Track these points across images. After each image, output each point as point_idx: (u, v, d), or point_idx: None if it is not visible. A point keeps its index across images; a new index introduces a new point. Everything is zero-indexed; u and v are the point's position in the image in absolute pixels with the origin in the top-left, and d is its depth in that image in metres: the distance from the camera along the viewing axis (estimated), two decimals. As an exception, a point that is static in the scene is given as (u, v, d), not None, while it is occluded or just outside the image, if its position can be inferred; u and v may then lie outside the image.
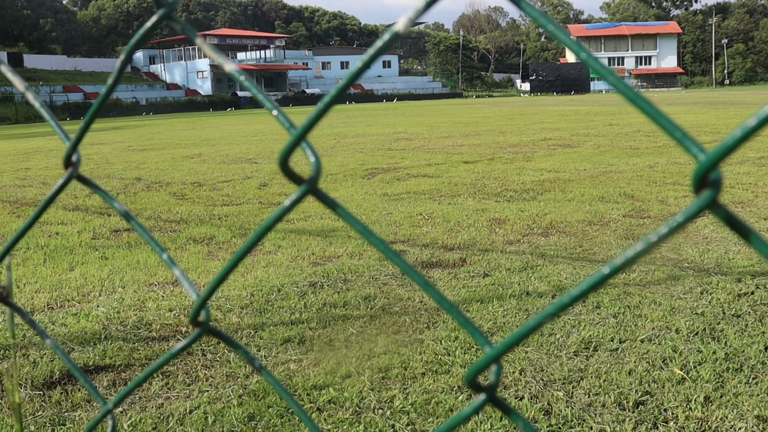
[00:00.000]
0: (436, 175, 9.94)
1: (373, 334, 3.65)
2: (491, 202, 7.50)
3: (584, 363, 3.20)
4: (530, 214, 6.70)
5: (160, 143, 18.94)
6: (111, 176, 11.24)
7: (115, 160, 14.05)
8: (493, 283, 4.50)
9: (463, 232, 5.99)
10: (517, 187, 8.40)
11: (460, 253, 5.27)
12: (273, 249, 5.63)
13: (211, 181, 10.13)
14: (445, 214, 6.84)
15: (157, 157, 14.54)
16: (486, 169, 10.39)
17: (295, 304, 4.16)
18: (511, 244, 5.58)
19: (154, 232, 6.50)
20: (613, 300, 4.04)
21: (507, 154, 12.44)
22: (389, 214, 6.98)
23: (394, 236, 5.94)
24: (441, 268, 4.93)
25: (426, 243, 5.66)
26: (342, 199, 8.03)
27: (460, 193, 8.20)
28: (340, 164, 11.87)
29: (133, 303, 4.26)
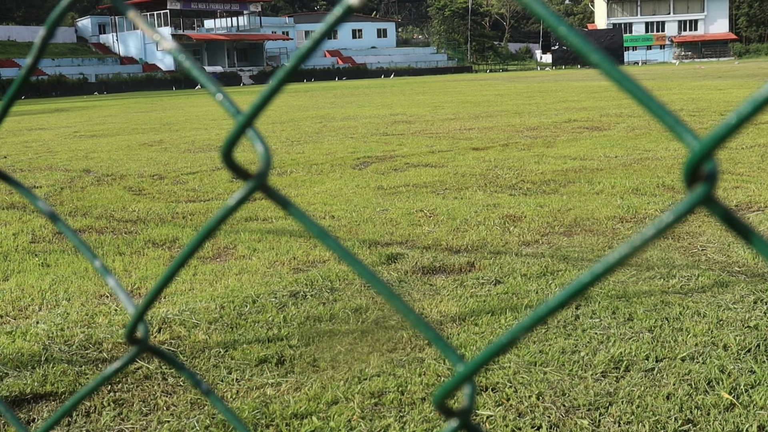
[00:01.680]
0: (440, 164, 9.96)
1: (365, 352, 3.67)
2: (505, 195, 7.53)
3: (614, 386, 3.22)
4: (551, 209, 6.72)
5: (112, 128, 18.93)
6: (54, 167, 11.24)
7: (59, 149, 14.05)
8: (507, 291, 4.51)
9: (471, 232, 6.01)
10: (535, 178, 8.42)
11: (467, 257, 5.29)
12: (247, 253, 5.64)
13: (174, 173, 10.14)
14: (451, 210, 6.85)
15: (109, 144, 14.54)
16: (499, 156, 10.42)
17: (272, 318, 4.17)
18: (527, 245, 5.60)
19: (106, 235, 6.51)
20: (649, 311, 4.06)
21: (524, 139, 12.47)
22: (384, 210, 7.00)
23: (390, 237, 5.96)
24: (445, 274, 4.94)
25: (427, 245, 5.68)
26: (329, 194, 8.05)
27: (468, 185, 8.21)
28: (326, 152, 11.88)
29: (79, 318, 4.27)
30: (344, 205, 7.31)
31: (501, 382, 3.27)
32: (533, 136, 12.98)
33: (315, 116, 20.38)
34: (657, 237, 0.31)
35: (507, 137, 12.93)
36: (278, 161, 10.98)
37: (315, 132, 15.54)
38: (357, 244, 5.75)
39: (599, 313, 4.06)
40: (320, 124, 17.46)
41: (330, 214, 6.94)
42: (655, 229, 0.30)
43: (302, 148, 12.69)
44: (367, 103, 26.40)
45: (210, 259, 5.55)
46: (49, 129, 19.69)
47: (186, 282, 4.93)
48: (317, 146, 12.79)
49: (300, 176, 9.52)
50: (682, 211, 0.29)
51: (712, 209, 0.28)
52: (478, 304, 4.31)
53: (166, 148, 13.61)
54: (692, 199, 0.29)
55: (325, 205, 7.39)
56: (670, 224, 0.30)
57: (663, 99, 20.44)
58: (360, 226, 6.37)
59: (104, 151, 13.26)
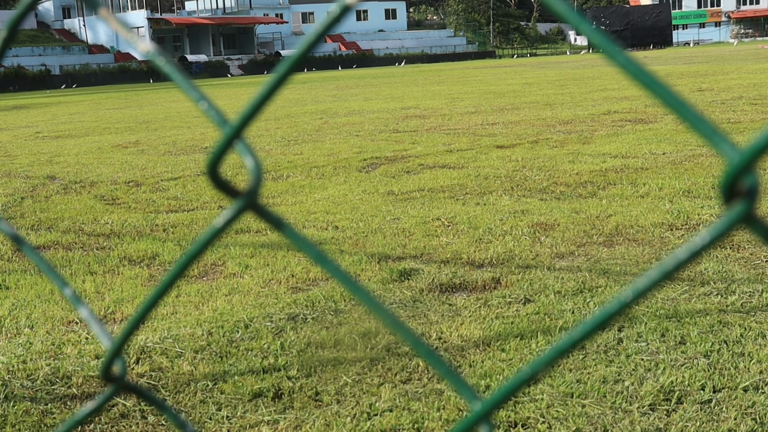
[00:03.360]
0: (460, 165, 9.97)
1: (375, 383, 3.67)
2: (534, 200, 7.53)
3: (664, 421, 3.22)
4: (588, 216, 6.72)
5: (81, 128, 19.05)
6: (12, 174, 11.31)
7: (19, 152, 14.13)
8: (538, 311, 4.51)
9: (496, 243, 6.01)
10: (569, 180, 8.42)
11: (491, 272, 5.29)
12: (238, 270, 5.66)
13: (153, 179, 10.19)
14: (472, 218, 6.86)
15: (77, 146, 14.62)
16: (527, 155, 10.42)
17: (268, 345, 4.18)
18: (561, 257, 5.60)
19: (74, 251, 6.55)
20: (704, 333, 4.06)
21: (556, 135, 12.47)
22: (396, 219, 7.01)
23: (402, 250, 5.97)
24: (466, 293, 4.95)
25: (446, 258, 5.69)
26: (331, 201, 8.08)
27: (491, 189, 8.22)
28: (328, 152, 11.92)
29: (44, 349, 4.29)
30: (349, 214, 7.33)
31: (533, 417, 3.28)
32: (567, 131, 12.98)
33: (314, 111, 20.44)
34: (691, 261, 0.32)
35: (536, 133, 12.93)
36: (273, 164, 11.02)
37: (315, 129, 15.59)
38: (364, 258, 5.77)
39: (646, 335, 4.05)
40: (321, 121, 17.51)
41: (333, 224, 6.96)
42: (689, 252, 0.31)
43: (300, 148, 12.73)
44: (375, 95, 26.45)
45: (195, 278, 5.57)
46: (7, 129, 19.83)
47: (168, 305, 4.95)
48: (317, 146, 12.82)
49: (298, 181, 9.54)
50: (720, 231, 0.30)
51: (752, 228, 0.29)
52: (505, 326, 4.31)
53: (143, 150, 13.68)
54: (730, 219, 0.30)
55: (328, 214, 7.41)
56: (705, 246, 0.31)
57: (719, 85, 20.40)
58: (368, 238, 6.38)
59: (71, 155, 13.34)
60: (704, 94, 18.52)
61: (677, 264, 0.33)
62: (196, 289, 5.25)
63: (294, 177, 9.86)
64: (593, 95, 19.92)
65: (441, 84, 31.83)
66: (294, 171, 10.30)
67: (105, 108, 27.64)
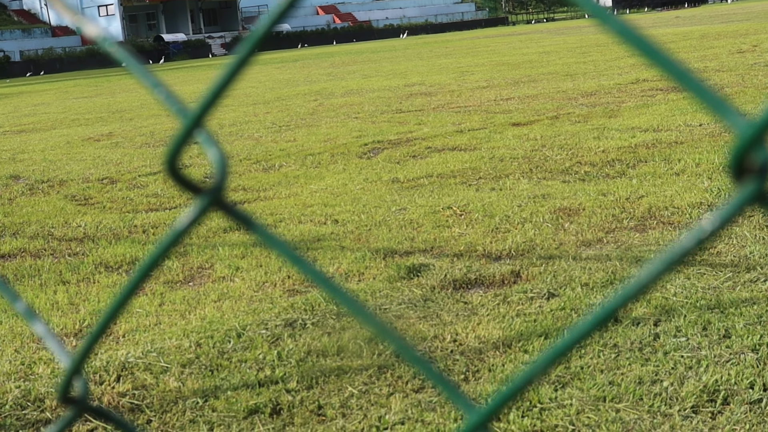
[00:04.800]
0: (472, 146, 9.96)
1: (384, 394, 3.68)
2: (556, 183, 7.52)
3: (708, 424, 3.22)
4: (617, 198, 6.72)
5: (46, 120, 19.06)
6: (-23, 175, 11.33)
7: (-17, 151, 14.15)
8: (563, 306, 4.51)
9: (514, 232, 6.01)
10: (595, 159, 8.41)
11: (510, 264, 5.29)
12: (228, 273, 5.67)
13: (130, 175, 10.20)
14: (487, 205, 6.86)
15: (43, 141, 14.64)
16: (547, 133, 10.41)
17: (264, 356, 4.19)
18: (588, 245, 5.59)
19: (44, 259, 6.56)
20: (751, 324, 4.05)
21: (579, 109, 12.45)
22: (402, 210, 7.01)
23: (410, 243, 5.97)
24: (483, 289, 4.95)
25: (459, 251, 5.69)
26: (330, 192, 8.08)
27: (508, 172, 8.22)
28: (324, 138, 11.91)
29: (13, 369, 4.30)
30: (350, 206, 7.33)
31: (561, 424, 3.28)
32: (591, 103, 12.96)
33: (308, 92, 20.43)
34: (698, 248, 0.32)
35: (557, 107, 12.91)
36: (263, 153, 11.02)
37: (309, 113, 15.58)
38: (368, 254, 5.77)
39: (685, 329, 4.05)
40: (315, 103, 17.51)
41: (332, 218, 6.96)
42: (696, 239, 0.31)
43: (293, 134, 12.73)
44: (375, 71, 26.43)
45: (180, 284, 5.58)
46: (-32, 126, 19.84)
47: (151, 315, 4.96)
48: (313, 131, 12.82)
49: (292, 171, 9.55)
50: (729, 214, 0.30)
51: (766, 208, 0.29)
52: (528, 324, 4.32)
53: (118, 142, 13.69)
54: (740, 198, 0.30)
55: (326, 206, 7.42)
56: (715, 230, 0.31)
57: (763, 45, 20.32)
58: (371, 232, 6.39)
59: (37, 151, 13.35)
60: (744, 55, 18.47)
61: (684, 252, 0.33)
62: (181, 296, 5.26)
63: (287, 166, 9.86)
64: (619, 62, 19.88)
65: (448, 57, 31.78)
66: (287, 160, 10.30)
67: (73, 97, 27.65)
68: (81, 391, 0.56)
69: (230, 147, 11.88)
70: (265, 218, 7.14)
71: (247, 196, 8.37)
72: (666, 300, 4.45)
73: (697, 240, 0.32)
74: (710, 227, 0.32)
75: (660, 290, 4.57)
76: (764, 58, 17.45)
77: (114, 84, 34.44)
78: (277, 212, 7.34)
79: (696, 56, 19.63)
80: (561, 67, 20.55)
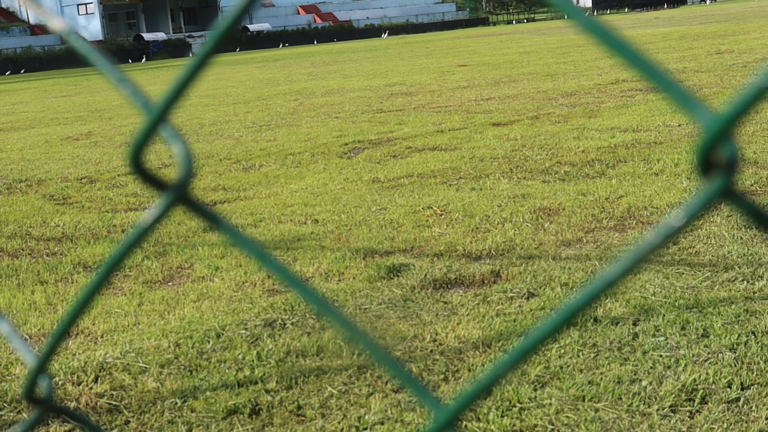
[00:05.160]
0: (452, 146, 9.97)
1: (364, 394, 3.67)
2: (536, 183, 7.54)
3: (687, 423, 3.23)
4: (597, 198, 6.74)
5: (25, 119, 18.96)
6: (-45, 175, 11.25)
7: (-39, 150, 14.06)
8: (543, 306, 4.52)
9: (494, 232, 6.02)
10: (575, 159, 8.43)
11: (490, 264, 5.30)
12: (207, 273, 5.65)
13: (109, 174, 10.16)
14: (467, 205, 6.87)
15: (21, 140, 14.55)
16: (527, 133, 10.43)
17: (243, 356, 4.18)
18: (567, 245, 5.61)
19: (21, 259, 6.52)
20: (729, 323, 4.07)
21: (559, 109, 12.48)
22: (382, 210, 7.01)
23: (390, 243, 5.97)
24: (463, 288, 4.95)
25: (439, 251, 5.69)
26: (310, 191, 8.07)
27: (488, 171, 8.23)
28: (305, 137, 11.90)
29: (-6, 368, 4.27)
30: (330, 206, 7.32)
31: (540, 424, 3.28)
32: (571, 104, 12.99)
33: (289, 92, 20.40)
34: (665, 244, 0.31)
35: (537, 107, 12.94)
36: (243, 152, 11.00)
37: (289, 113, 15.56)
38: (348, 254, 5.77)
39: (664, 329, 4.06)
40: (296, 102, 17.48)
41: (312, 217, 6.95)
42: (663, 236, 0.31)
43: (273, 133, 12.71)
44: (355, 71, 26.42)
45: (159, 284, 5.56)
46: (-54, 125, 19.72)
47: (129, 314, 4.94)
48: (293, 131, 12.81)
49: (272, 170, 9.53)
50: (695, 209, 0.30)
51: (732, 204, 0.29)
52: (507, 324, 4.32)
53: (97, 141, 13.62)
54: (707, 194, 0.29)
55: (306, 206, 7.41)
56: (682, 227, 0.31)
57: (740, 46, 20.44)
58: (351, 232, 6.38)
59: (15, 150, 13.28)
60: (723, 56, 18.56)
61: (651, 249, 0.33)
62: (160, 296, 5.24)
63: (267, 166, 9.84)
64: (599, 63, 19.93)
65: (429, 56, 31.81)
66: (267, 159, 10.29)
67: (52, 96, 27.52)
68: (46, 391, 0.55)
69: (210, 146, 11.85)
70: (245, 218, 7.12)
71: (227, 195, 8.35)
72: (645, 299, 4.47)
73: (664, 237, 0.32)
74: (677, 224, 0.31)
75: (639, 290, 4.58)
76: (742, 59, 17.54)
77: (93, 83, 34.27)
78: (257, 212, 7.33)
79: (675, 57, 19.71)
80: (541, 68, 20.61)
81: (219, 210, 7.45)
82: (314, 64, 33.51)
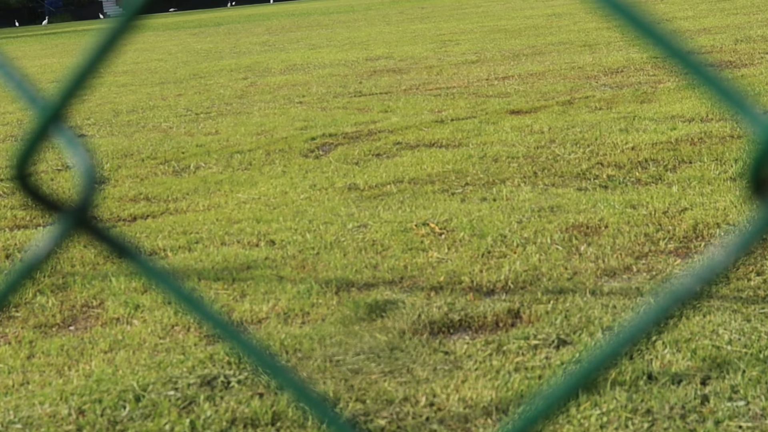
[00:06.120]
0: (456, 142, 9.98)
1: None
2: (569, 191, 7.54)
3: None
4: (651, 211, 6.74)
5: None
6: None
7: None
8: (578, 358, 4.52)
9: (512, 258, 6.02)
10: (621, 159, 8.44)
11: (507, 301, 5.29)
12: (124, 313, 5.63)
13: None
14: (476, 221, 6.86)
15: None
16: (557, 123, 10.44)
17: (172, 426, 4.17)
18: (611, 275, 5.61)
19: None
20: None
21: (600, 91, 12.51)
22: (361, 227, 7.00)
23: (372, 273, 5.96)
24: (470, 334, 4.94)
25: (437, 283, 5.68)
26: (264, 202, 8.05)
27: (504, 176, 8.23)
28: (257, 129, 11.89)
29: None
30: (291, 222, 7.30)
31: None
32: (616, 83, 13.03)
33: (236, 68, 20.41)
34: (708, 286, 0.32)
35: (570, 89, 12.97)
36: (173, 149, 10.98)
37: (236, 96, 15.56)
38: (315, 287, 5.75)
39: (744, 390, 4.06)
40: (245, 82, 17.48)
41: (267, 237, 6.94)
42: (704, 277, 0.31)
43: (215, 124, 12.70)
44: (326, 40, 26.44)
45: (58, 328, 5.53)
46: None
47: (15, 371, 4.91)
48: (241, 120, 12.80)
49: (212, 173, 9.52)
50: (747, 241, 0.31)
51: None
52: (530, 382, 4.32)
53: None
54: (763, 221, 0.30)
55: (258, 222, 7.39)
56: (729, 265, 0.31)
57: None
58: (320, 257, 6.38)
59: None
60: None
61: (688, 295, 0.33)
62: (58, 345, 5.22)
63: (207, 168, 9.83)
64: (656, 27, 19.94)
65: (425, 20, 31.87)
66: (206, 159, 10.27)
67: None
68: None
69: (129, 141, 11.84)
70: (176, 238, 7.10)
71: (151, 208, 8.32)
72: (718, 350, 4.47)
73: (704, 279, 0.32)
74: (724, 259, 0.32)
75: (709, 336, 4.59)
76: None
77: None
78: (192, 230, 7.30)
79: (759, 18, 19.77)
80: (576, 35, 20.65)
81: (140, 227, 7.43)
82: (270, 31, 33.53)
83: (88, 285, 6.17)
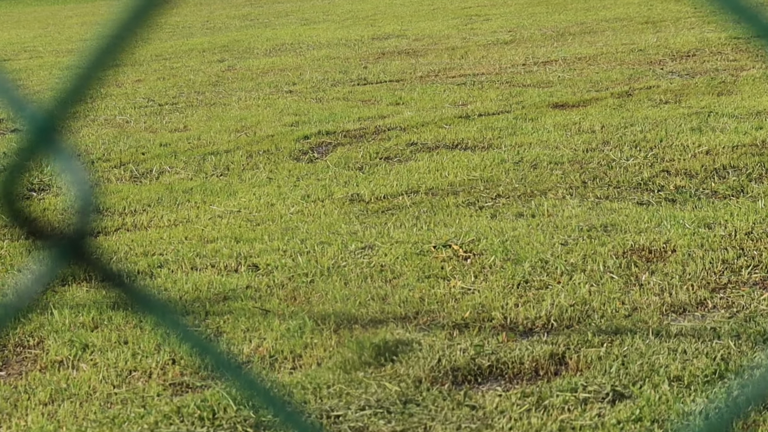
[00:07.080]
0: (485, 142, 9.98)
1: None
2: (628, 206, 7.54)
3: None
4: (730, 231, 6.74)
5: None
6: None
7: None
8: (639, 416, 4.52)
9: (556, 289, 6.02)
10: (693, 165, 8.44)
11: (549, 343, 5.30)
12: (68, 355, 5.63)
13: None
14: (510, 242, 6.87)
15: None
16: (612, 121, 10.45)
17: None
18: (681, 312, 5.61)
19: None
20: None
21: (667, 80, 12.51)
22: (367, 249, 7.01)
23: (380, 307, 5.96)
24: (502, 384, 4.95)
25: (462, 320, 5.69)
26: (244, 217, 8.06)
27: (546, 186, 8.23)
28: (237, 125, 11.90)
29: None
30: (279, 241, 7.31)
31: None
32: (687, 71, 13.03)
33: (209, 47, 20.45)
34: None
35: (629, 77, 12.98)
36: (132, 148, 10.98)
37: (210, 83, 15.58)
38: (309, 324, 5.76)
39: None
40: (221, 65, 17.51)
41: (249, 261, 6.94)
42: None
43: (183, 118, 12.72)
44: (322, 14, 26.47)
45: (-13, 372, 5.55)
46: None
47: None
48: (217, 113, 12.81)
49: (180, 180, 9.52)
50: None
51: None
52: (578, 446, 4.34)
53: None
54: None
55: (238, 242, 7.39)
56: None
57: None
58: (315, 286, 6.38)
59: None
60: None
61: None
62: (-11, 393, 5.24)
63: (173, 173, 9.83)
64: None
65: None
66: (173, 161, 10.27)
67: None
68: None
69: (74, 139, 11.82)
70: (135, 260, 7.10)
71: (102, 223, 8.31)
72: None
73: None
74: None
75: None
76: None
77: None
78: (155, 251, 7.30)
79: None
80: (637, 8, 20.66)
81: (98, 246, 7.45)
82: (253, 1, 33.57)
83: (22, 319, 6.16)
